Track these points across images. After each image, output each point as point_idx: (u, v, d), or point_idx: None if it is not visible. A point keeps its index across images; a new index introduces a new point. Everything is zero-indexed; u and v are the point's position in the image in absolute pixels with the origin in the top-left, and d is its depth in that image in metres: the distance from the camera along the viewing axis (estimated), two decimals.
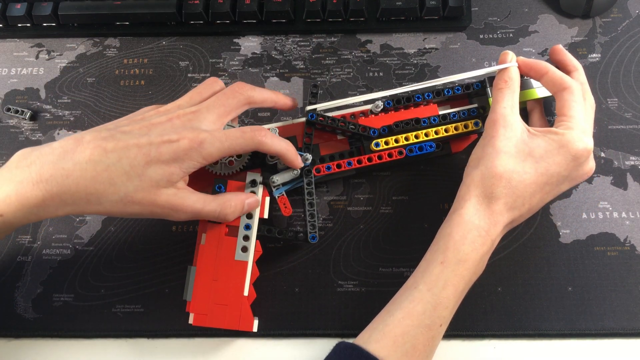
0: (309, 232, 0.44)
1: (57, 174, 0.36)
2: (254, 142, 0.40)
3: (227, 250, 0.42)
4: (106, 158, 0.36)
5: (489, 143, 0.40)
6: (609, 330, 0.43)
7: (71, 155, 0.36)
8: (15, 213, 0.36)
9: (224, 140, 0.39)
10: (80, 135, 0.38)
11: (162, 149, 0.37)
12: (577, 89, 0.41)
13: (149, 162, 0.36)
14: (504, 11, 0.56)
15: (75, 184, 0.36)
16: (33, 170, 0.36)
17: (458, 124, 0.46)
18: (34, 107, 0.54)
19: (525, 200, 0.39)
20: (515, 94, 0.42)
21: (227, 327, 0.41)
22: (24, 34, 0.57)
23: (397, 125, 0.46)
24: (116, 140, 0.37)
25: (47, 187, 0.35)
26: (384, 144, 0.46)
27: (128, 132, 0.38)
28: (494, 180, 0.39)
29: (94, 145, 0.36)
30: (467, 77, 0.44)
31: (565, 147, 0.39)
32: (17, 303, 0.46)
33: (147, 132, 0.38)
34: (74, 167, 0.36)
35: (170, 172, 0.37)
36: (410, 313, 0.37)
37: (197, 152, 0.38)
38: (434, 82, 0.45)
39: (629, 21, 0.54)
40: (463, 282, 0.38)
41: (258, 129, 0.40)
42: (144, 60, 0.56)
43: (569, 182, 0.41)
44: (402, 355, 0.36)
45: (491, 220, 0.38)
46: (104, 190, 0.36)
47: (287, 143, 0.42)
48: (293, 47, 0.55)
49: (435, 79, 0.45)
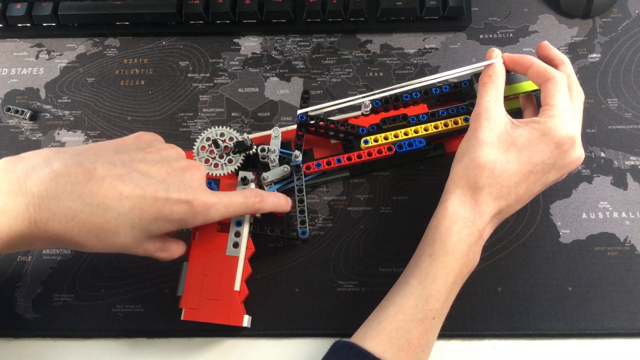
0: (299, 228, 0.45)
1: (60, 214, 0.31)
2: (254, 208, 0.41)
3: (218, 245, 0.43)
4: (120, 205, 0.33)
5: (473, 136, 0.40)
6: (609, 330, 0.43)
7: (80, 191, 0.32)
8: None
9: (229, 206, 0.39)
10: (90, 162, 0.33)
11: (174, 207, 0.35)
12: (561, 79, 0.41)
13: (158, 219, 0.35)
14: (504, 11, 0.56)
15: (78, 227, 0.32)
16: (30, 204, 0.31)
17: (448, 120, 0.46)
18: (34, 107, 0.54)
19: (510, 190, 0.39)
20: (499, 88, 0.42)
21: (217, 321, 0.41)
22: (24, 34, 0.57)
23: (385, 122, 0.46)
24: (134, 185, 0.34)
25: (45, 228, 0.31)
26: (374, 142, 0.46)
27: (146, 174, 0.35)
28: (477, 170, 0.39)
29: (109, 185, 0.33)
30: (454, 74, 0.44)
31: (547, 134, 0.39)
32: (17, 303, 0.46)
33: (165, 177, 0.36)
34: (82, 209, 0.32)
35: (169, 229, 0.36)
36: (403, 308, 0.37)
37: (203, 216, 0.37)
38: (422, 81, 0.45)
39: (629, 21, 0.54)
40: (453, 273, 0.38)
41: (258, 195, 0.41)
42: (144, 60, 0.56)
43: (557, 171, 0.40)
44: (397, 351, 0.36)
45: (476, 211, 0.39)
46: (105, 239, 0.33)
47: (278, 199, 0.43)
48: (293, 47, 0.55)
49: (422, 78, 0.45)
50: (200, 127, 0.52)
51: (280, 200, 0.43)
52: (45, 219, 0.31)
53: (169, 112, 0.53)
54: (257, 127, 0.52)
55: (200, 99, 0.53)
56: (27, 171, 0.32)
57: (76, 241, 0.33)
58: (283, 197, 0.44)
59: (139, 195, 0.34)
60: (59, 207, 0.31)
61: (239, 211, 0.40)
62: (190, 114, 0.53)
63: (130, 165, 0.35)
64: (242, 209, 0.40)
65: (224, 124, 0.51)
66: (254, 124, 0.52)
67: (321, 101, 0.52)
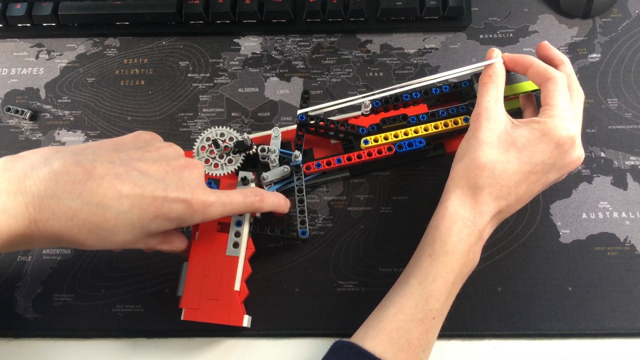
0: (299, 228, 0.45)
1: (60, 214, 0.31)
2: (253, 207, 0.41)
3: (218, 245, 0.43)
4: (119, 204, 0.33)
5: (473, 136, 0.40)
6: (609, 330, 0.43)
7: (79, 190, 0.32)
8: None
9: (228, 204, 0.38)
10: (89, 161, 0.33)
11: (173, 206, 0.35)
12: (561, 79, 0.41)
13: (157, 217, 0.35)
14: (504, 11, 0.56)
15: (78, 227, 0.32)
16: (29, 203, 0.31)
17: (448, 120, 0.46)
18: (34, 107, 0.54)
19: (510, 190, 0.39)
20: (499, 88, 0.42)
21: (217, 321, 0.41)
22: (24, 34, 0.57)
23: (385, 122, 0.46)
24: (133, 184, 0.33)
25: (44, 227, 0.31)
26: (374, 142, 0.46)
27: (145, 173, 0.35)
28: (477, 170, 0.39)
29: (108, 184, 0.33)
30: (454, 74, 0.44)
31: (548, 134, 0.39)
32: (17, 303, 0.46)
33: (163, 176, 0.36)
34: (81, 208, 0.32)
35: (167, 227, 0.36)
36: (403, 308, 0.37)
37: (201, 214, 0.37)
38: (422, 81, 0.45)
39: (629, 21, 0.54)
40: (453, 273, 0.38)
41: (258, 194, 0.41)
42: (144, 60, 0.56)
43: (557, 171, 0.40)
44: (397, 351, 0.36)
45: (477, 211, 0.39)
46: (105, 237, 0.33)
47: (278, 199, 0.43)
48: (293, 47, 0.55)
49: (423, 78, 0.45)
50: (200, 127, 0.52)
51: (280, 200, 0.43)
52: (45, 219, 0.31)
53: (169, 112, 0.53)
54: (257, 127, 0.52)
55: (200, 99, 0.53)
56: (27, 170, 0.32)
57: (76, 240, 0.33)
58: (283, 197, 0.44)
59: (137, 194, 0.34)
60: (58, 207, 0.31)
61: (238, 210, 0.40)
62: (190, 114, 0.53)
63: (129, 164, 0.35)
64: (241, 208, 0.40)
65: (224, 124, 0.51)
66: (254, 124, 0.52)
67: (321, 101, 0.52)
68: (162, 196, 0.35)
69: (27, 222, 0.31)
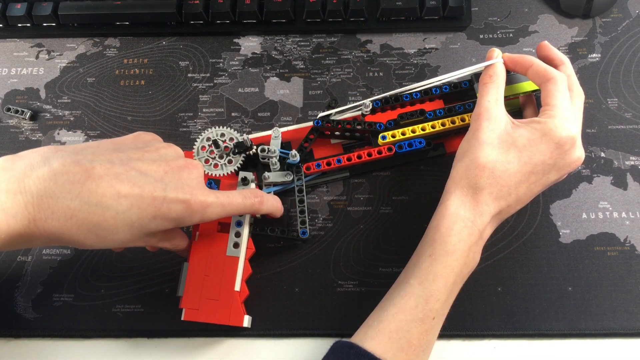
0: (299, 228, 0.45)
1: (59, 213, 0.31)
2: (253, 209, 0.41)
3: (218, 246, 0.43)
4: (118, 204, 0.33)
5: (473, 136, 0.40)
6: (609, 330, 0.43)
7: (79, 190, 0.32)
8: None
9: (227, 205, 0.38)
10: (88, 160, 0.33)
11: (172, 206, 0.35)
12: (561, 79, 0.41)
13: (156, 217, 0.35)
14: (504, 11, 0.56)
15: (77, 226, 0.32)
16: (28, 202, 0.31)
17: (464, 115, 0.47)
18: (34, 107, 0.54)
19: (511, 190, 0.39)
20: (499, 88, 0.42)
21: (218, 322, 0.41)
22: (24, 34, 0.57)
23: (402, 117, 0.47)
24: (132, 183, 0.34)
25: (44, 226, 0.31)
26: (391, 137, 0.46)
27: (144, 173, 0.35)
28: (477, 171, 0.39)
29: (107, 184, 0.33)
30: (457, 75, 0.45)
31: (548, 134, 0.39)
32: (17, 303, 0.46)
33: (162, 176, 0.36)
34: (80, 207, 0.32)
35: (166, 226, 0.36)
36: (403, 308, 0.37)
37: (200, 215, 0.37)
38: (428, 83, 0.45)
39: (629, 21, 0.54)
40: (453, 274, 0.38)
41: (258, 195, 0.41)
42: (144, 60, 0.56)
43: (557, 171, 0.40)
44: (397, 351, 0.36)
45: (477, 211, 0.39)
46: (104, 237, 0.33)
47: (277, 201, 0.44)
48: (293, 47, 0.55)
49: (427, 80, 0.45)
50: (200, 127, 0.52)
51: (278, 203, 0.44)
52: (44, 218, 0.31)
53: (169, 112, 0.53)
54: (257, 127, 0.52)
55: (200, 99, 0.53)
56: (26, 170, 0.32)
57: (75, 239, 0.33)
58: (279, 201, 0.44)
59: (136, 194, 0.34)
60: (57, 206, 0.31)
61: (237, 211, 0.40)
62: (190, 114, 0.53)
63: (128, 164, 0.35)
64: (240, 209, 0.40)
65: (224, 124, 0.51)
66: (254, 124, 0.52)
67: (321, 101, 0.52)
68: (161, 196, 0.35)
69: (26, 222, 0.31)
